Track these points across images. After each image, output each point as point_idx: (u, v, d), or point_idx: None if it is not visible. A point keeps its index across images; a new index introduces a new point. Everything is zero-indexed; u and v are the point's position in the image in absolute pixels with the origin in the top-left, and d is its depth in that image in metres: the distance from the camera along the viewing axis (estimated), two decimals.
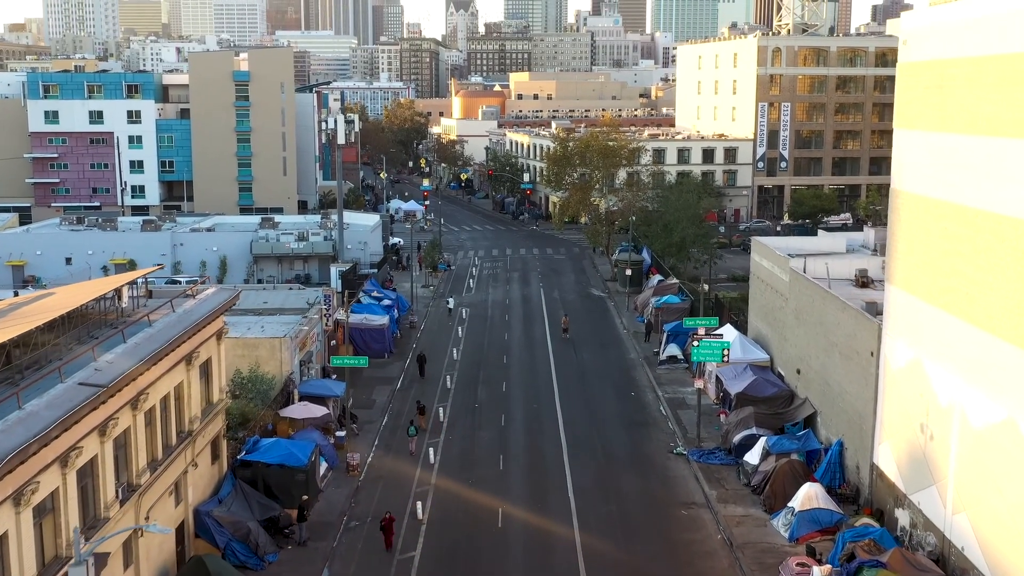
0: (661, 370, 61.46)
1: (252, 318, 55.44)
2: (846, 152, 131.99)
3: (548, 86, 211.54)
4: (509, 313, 78.17)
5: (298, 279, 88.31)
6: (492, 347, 67.37)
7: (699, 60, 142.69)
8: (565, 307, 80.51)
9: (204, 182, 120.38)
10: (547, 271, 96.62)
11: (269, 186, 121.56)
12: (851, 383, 41.78)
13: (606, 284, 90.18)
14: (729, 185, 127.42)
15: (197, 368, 35.31)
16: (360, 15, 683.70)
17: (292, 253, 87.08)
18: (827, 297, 45.13)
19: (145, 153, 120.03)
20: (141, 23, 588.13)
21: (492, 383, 58.84)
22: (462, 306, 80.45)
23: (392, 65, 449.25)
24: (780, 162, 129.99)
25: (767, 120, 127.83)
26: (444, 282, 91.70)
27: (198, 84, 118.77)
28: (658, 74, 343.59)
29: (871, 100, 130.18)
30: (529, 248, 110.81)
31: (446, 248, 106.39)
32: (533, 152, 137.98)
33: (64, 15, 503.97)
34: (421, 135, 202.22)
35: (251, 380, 47.85)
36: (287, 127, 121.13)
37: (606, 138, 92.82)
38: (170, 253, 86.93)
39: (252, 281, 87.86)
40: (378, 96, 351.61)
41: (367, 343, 63.98)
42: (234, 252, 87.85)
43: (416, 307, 78.98)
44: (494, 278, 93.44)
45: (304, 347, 53.64)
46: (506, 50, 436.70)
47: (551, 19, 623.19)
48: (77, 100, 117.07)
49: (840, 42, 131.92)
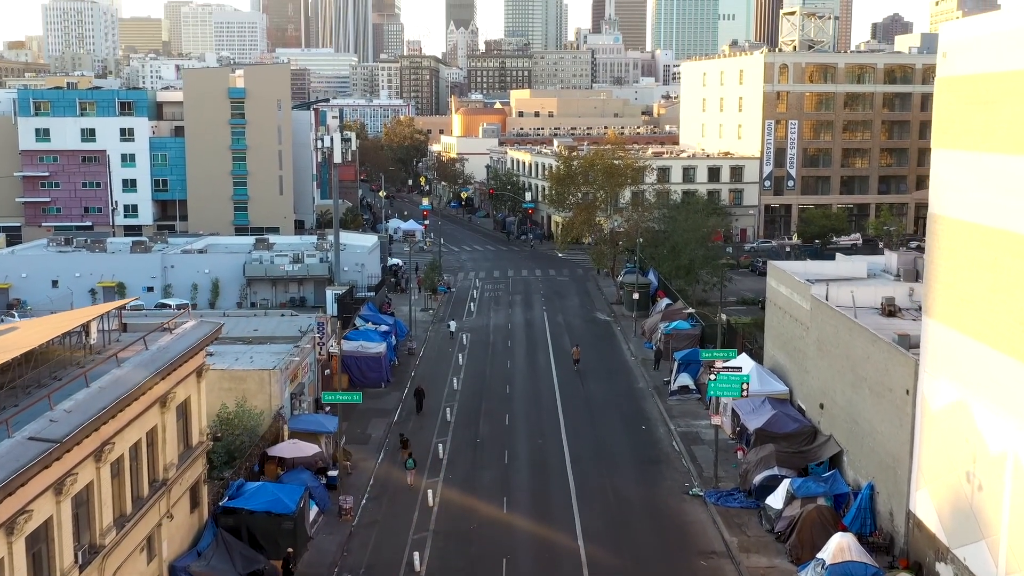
0: (672, 401, 58.35)
1: (241, 347, 52.41)
2: (854, 171, 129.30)
3: (549, 103, 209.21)
4: (512, 339, 75.11)
5: (293, 302, 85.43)
6: (494, 376, 64.27)
7: (704, 77, 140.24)
8: (570, 332, 77.49)
9: (198, 201, 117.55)
10: (550, 294, 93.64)
11: (265, 205, 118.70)
12: (883, 422, 38.70)
13: (611, 307, 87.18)
14: (735, 204, 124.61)
15: (173, 410, 32.26)
16: (360, 33, 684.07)
17: (287, 276, 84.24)
18: (854, 328, 42.12)
19: (138, 172, 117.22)
20: (142, 41, 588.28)
21: (494, 416, 55.73)
22: (463, 331, 77.44)
23: (392, 83, 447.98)
24: (787, 181, 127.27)
25: (774, 138, 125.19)
26: (444, 305, 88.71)
27: (193, 101, 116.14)
28: (659, 92, 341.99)
29: (880, 118, 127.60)
30: (531, 269, 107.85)
31: (446, 269, 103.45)
32: (535, 170, 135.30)
33: (64, 33, 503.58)
34: (421, 153, 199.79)
35: (237, 416, 44.78)
36: (284, 145, 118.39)
37: (611, 156, 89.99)
38: (160, 275, 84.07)
39: (245, 304, 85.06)
40: (378, 113, 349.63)
41: (363, 372, 60.95)
42: (227, 274, 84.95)
43: (415, 332, 75.97)
44: (496, 301, 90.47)
45: (295, 379, 50.56)
46: (506, 67, 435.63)
47: (551, 37, 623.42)
48: (69, 117, 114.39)
49: (848, 58, 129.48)
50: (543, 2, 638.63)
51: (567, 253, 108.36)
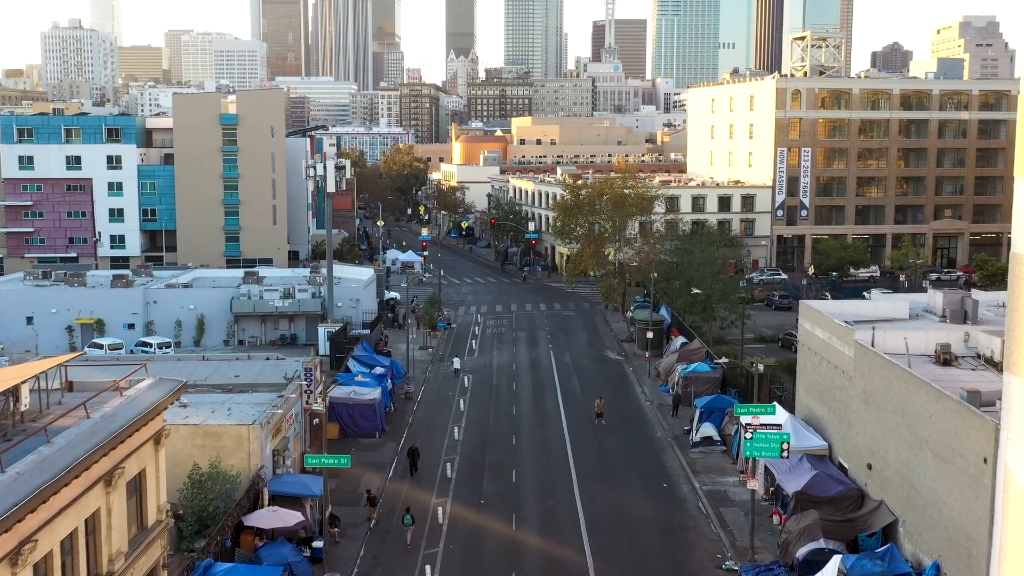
0: (695, 454, 53.10)
1: (219, 397, 47.27)
2: (870, 200, 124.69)
3: (551, 131, 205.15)
4: (517, 380, 69.92)
5: (283, 340, 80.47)
6: (499, 424, 59.05)
7: (712, 103, 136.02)
8: (578, 372, 72.33)
9: (188, 232, 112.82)
10: (556, 330, 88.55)
11: (258, 236, 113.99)
12: (952, 493, 33.51)
13: (622, 345, 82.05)
14: (747, 234, 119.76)
15: (122, 488, 27.10)
16: (360, 61, 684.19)
17: (276, 312, 79.20)
18: (911, 381, 37.03)
19: (126, 201, 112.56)
20: (142, 69, 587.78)
21: (500, 471, 50.47)
22: (464, 372, 72.28)
23: (392, 110, 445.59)
24: (800, 210, 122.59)
25: (786, 166, 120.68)
26: (444, 343, 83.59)
27: (183, 127, 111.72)
28: (660, 120, 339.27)
29: (896, 145, 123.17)
30: (535, 303, 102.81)
31: (446, 303, 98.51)
32: (539, 199, 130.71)
33: (63, 61, 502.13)
34: (420, 181, 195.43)
35: (211, 478, 39.61)
36: (277, 173, 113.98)
37: (621, 185, 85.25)
38: (142, 311, 79.09)
39: (233, 342, 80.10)
40: (377, 141, 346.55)
41: (355, 421, 55.78)
42: (213, 310, 80.00)
43: (413, 373, 70.81)
44: (499, 338, 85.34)
45: (279, 433, 45.36)
46: (507, 95, 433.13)
47: (551, 65, 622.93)
48: (54, 144, 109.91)
49: (862, 84, 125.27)
50: (543, 31, 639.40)
51: (572, 286, 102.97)
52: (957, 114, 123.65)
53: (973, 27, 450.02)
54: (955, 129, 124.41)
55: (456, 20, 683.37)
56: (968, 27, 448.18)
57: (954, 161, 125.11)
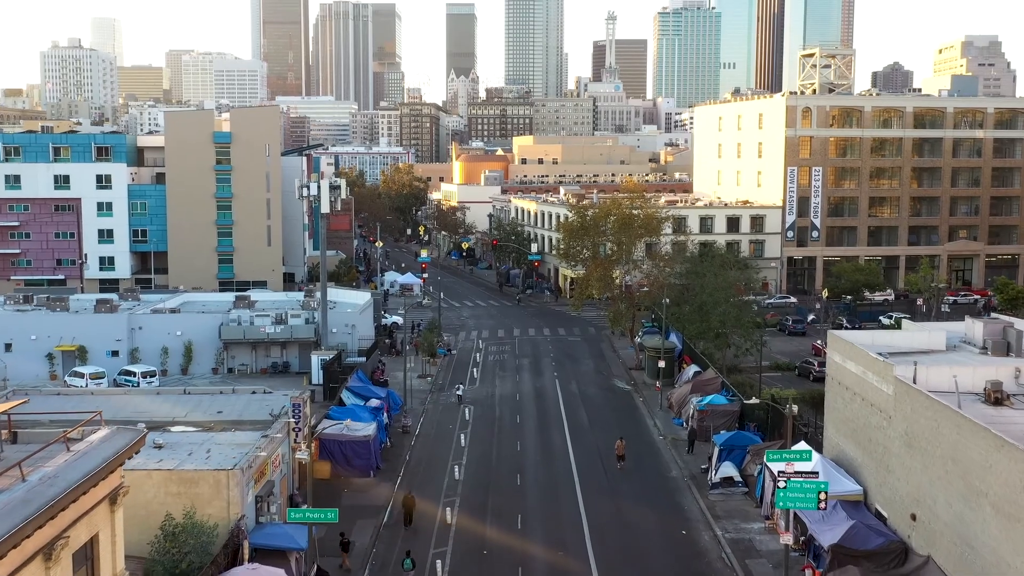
0: (714, 496, 49.12)
1: (198, 436, 43.42)
2: (882, 220, 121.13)
3: (554, 150, 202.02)
4: (521, 413, 65.98)
5: (275, 368, 76.71)
6: (502, 462, 55.08)
7: (719, 121, 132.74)
8: (585, 403, 68.41)
9: (180, 253, 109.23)
10: (561, 357, 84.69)
11: (252, 258, 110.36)
12: (1019, 555, 29.60)
13: (630, 373, 78.17)
14: (756, 256, 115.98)
15: (67, 560, 23.21)
16: (361, 81, 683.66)
17: (268, 339, 75.35)
18: (964, 425, 33.20)
19: (115, 221, 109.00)
20: (142, 89, 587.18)
21: (504, 517, 46.47)
22: (465, 402, 68.40)
23: (392, 130, 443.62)
24: (811, 231, 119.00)
25: (796, 185, 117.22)
26: (444, 370, 79.68)
27: (175, 146, 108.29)
28: (662, 139, 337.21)
29: (909, 164, 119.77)
30: (539, 328, 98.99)
31: (445, 328, 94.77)
32: (541, 220, 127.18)
33: (62, 80, 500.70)
34: (420, 201, 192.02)
35: (185, 529, 35.72)
36: (272, 193, 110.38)
37: (629, 206, 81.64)
38: (126, 338, 75.31)
39: (222, 370, 76.30)
40: (377, 161, 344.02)
41: (348, 459, 51.84)
42: (201, 336, 76.21)
43: (410, 404, 66.93)
44: (501, 365, 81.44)
45: (262, 476, 41.46)
46: (507, 115, 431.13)
47: (551, 85, 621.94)
48: (41, 163, 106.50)
49: (874, 101, 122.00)
50: (543, 51, 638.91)
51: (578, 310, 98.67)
52: (972, 132, 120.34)
53: (975, 47, 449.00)
54: (970, 148, 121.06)
55: (457, 40, 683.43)
56: (970, 47, 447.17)
57: (969, 181, 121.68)
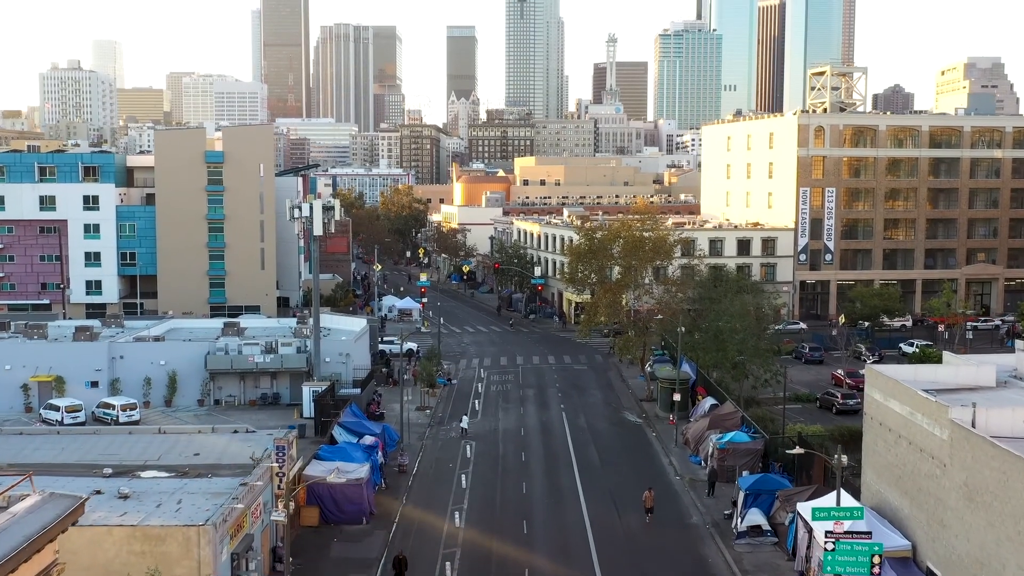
0: (741, 547, 44.62)
1: (170, 484, 39.08)
2: (897, 243, 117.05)
3: (556, 171, 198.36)
4: (526, 449, 61.51)
5: (264, 400, 72.35)
6: (507, 506, 50.58)
7: (728, 141, 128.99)
8: (595, 438, 63.95)
9: (170, 277, 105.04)
10: (567, 387, 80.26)
11: (244, 281, 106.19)
12: None
13: (641, 405, 73.74)
14: (767, 280, 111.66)
15: None
16: (361, 103, 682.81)
17: (256, 369, 70.99)
18: None
19: (103, 244, 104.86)
20: (143, 111, 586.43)
21: (510, 570, 41.96)
22: (467, 437, 64.00)
23: (392, 152, 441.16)
24: (824, 254, 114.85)
25: (809, 207, 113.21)
26: (444, 402, 75.26)
27: (165, 165, 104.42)
28: (663, 161, 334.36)
29: (925, 185, 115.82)
30: (543, 355, 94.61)
31: (446, 355, 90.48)
32: (545, 243, 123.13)
33: (61, 102, 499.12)
34: (420, 223, 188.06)
35: None
36: (266, 214, 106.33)
37: (640, 228, 77.49)
38: (107, 368, 70.99)
39: (208, 401, 72.00)
40: (377, 183, 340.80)
41: (338, 505, 47.38)
42: (187, 366, 71.94)
43: (408, 439, 62.48)
44: (504, 396, 77.02)
45: (240, 530, 37.09)
46: (508, 136, 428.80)
47: (552, 107, 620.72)
48: (27, 184, 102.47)
49: (890, 120, 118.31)
50: (544, 73, 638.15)
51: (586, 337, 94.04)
52: (990, 152, 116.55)
53: (978, 68, 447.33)
54: (988, 168, 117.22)
55: (457, 62, 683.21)
56: (973, 68, 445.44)
57: (987, 202, 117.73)
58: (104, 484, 38.47)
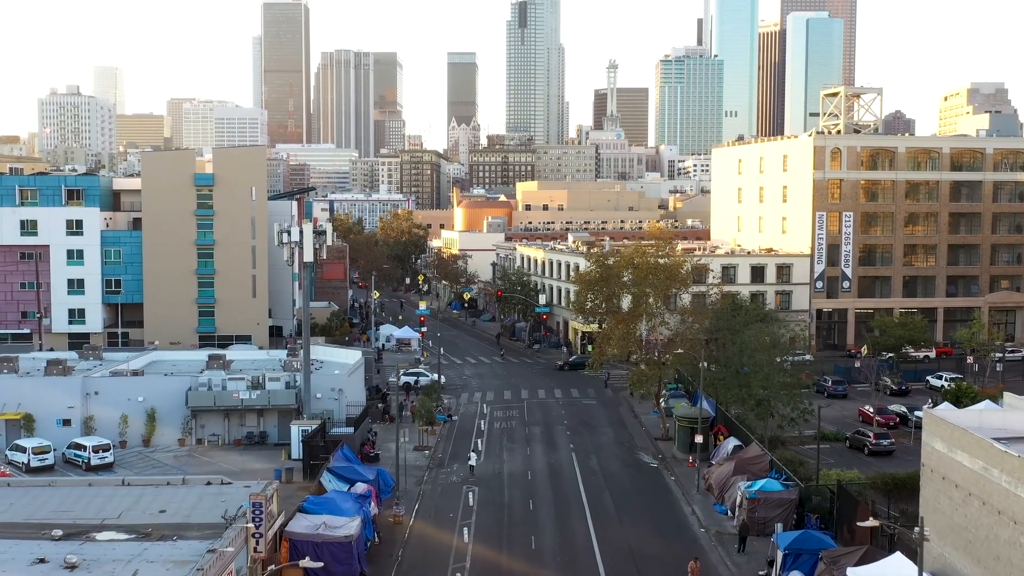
0: None
1: (128, 548, 33.90)
2: (918, 270, 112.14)
3: (559, 196, 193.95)
4: (534, 496, 56.18)
5: (251, 439, 67.10)
6: (515, 566, 45.17)
7: (739, 164, 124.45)
8: (609, 483, 58.66)
9: (157, 305, 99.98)
10: (576, 424, 75.01)
11: (235, 310, 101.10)
12: None
13: (656, 444, 68.48)
14: (783, 308, 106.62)
15: None
16: (362, 129, 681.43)
17: (242, 406, 65.81)
18: None
19: (86, 270, 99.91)
20: (143, 137, 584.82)
21: None
22: (468, 482, 58.75)
23: (392, 177, 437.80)
24: (842, 281, 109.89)
25: (826, 232, 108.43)
26: (444, 440, 69.99)
27: (152, 188, 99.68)
28: (666, 186, 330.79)
29: (947, 209, 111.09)
30: (549, 388, 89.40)
31: (446, 388, 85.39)
32: (550, 269, 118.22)
33: (60, 127, 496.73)
34: (420, 249, 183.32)
35: None
36: (258, 239, 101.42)
37: (655, 254, 72.53)
38: (81, 404, 65.84)
39: (190, 441, 66.79)
40: (377, 208, 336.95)
41: (326, 565, 41.90)
42: (167, 403, 66.79)
43: (405, 484, 57.25)
44: (509, 435, 71.72)
45: None
46: (509, 162, 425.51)
47: (553, 133, 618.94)
48: (7, 207, 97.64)
49: (908, 142, 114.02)
50: (544, 99, 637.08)
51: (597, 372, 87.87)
52: (1014, 175, 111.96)
53: (981, 93, 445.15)
54: (1011, 191, 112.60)
55: (458, 89, 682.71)
56: (976, 94, 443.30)
57: (1011, 227, 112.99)
58: (52, 550, 33.36)
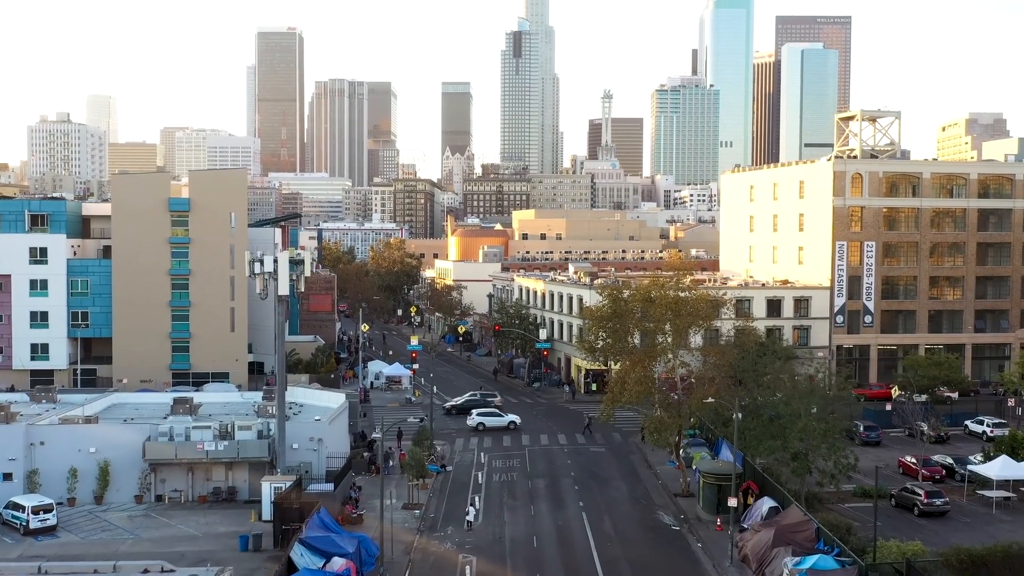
0: None
1: None
2: (944, 303, 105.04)
3: (557, 224, 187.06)
4: (542, 571, 48.30)
5: (217, 495, 59.20)
6: None
7: (751, 191, 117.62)
8: (625, 550, 50.88)
9: (127, 339, 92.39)
10: (584, 476, 67.19)
11: (212, 345, 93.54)
12: None
13: (676, 501, 60.79)
14: (801, 344, 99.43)
15: None
16: (355, 158, 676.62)
17: (207, 459, 58.00)
18: None
19: (51, 302, 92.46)
20: (136, 165, 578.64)
21: None
22: (464, 549, 50.93)
23: (386, 206, 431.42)
24: (864, 316, 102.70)
25: (846, 263, 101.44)
26: (436, 496, 62.07)
27: (123, 214, 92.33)
28: (663, 216, 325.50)
29: (974, 239, 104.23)
30: (552, 433, 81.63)
31: (439, 432, 77.62)
32: (551, 302, 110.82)
33: (49, 155, 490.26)
34: (412, 279, 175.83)
35: None
36: (237, 269, 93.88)
37: (675, 287, 65.19)
38: (24, 456, 58.10)
39: (148, 498, 58.98)
40: (369, 237, 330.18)
41: None
42: (122, 454, 59.11)
43: (392, 553, 49.44)
44: (510, 490, 63.85)
45: None
46: (504, 191, 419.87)
47: (547, 163, 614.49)
48: None
49: (934, 167, 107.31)
50: (539, 129, 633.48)
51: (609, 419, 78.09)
52: None
53: (980, 124, 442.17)
54: None
55: (452, 118, 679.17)
56: (975, 124, 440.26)
57: None
58: None
